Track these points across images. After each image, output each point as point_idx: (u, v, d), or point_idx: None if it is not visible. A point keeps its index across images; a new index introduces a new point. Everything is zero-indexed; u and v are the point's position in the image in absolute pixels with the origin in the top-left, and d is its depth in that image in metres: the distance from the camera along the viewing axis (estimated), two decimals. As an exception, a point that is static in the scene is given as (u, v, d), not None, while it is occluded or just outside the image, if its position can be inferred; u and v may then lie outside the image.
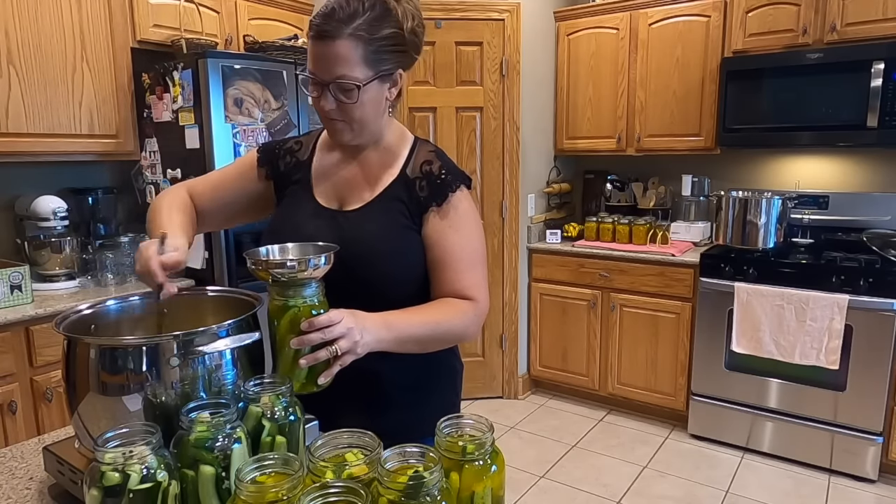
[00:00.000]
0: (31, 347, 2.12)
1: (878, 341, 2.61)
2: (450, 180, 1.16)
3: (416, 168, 1.17)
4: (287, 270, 0.92)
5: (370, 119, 1.12)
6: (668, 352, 3.22)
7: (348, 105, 1.08)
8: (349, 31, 1.03)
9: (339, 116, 1.10)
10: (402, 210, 1.15)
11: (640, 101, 3.41)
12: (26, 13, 2.27)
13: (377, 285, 1.12)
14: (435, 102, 3.41)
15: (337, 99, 1.08)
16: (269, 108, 2.62)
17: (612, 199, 3.76)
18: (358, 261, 1.10)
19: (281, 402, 0.87)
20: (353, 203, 1.18)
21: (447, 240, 1.14)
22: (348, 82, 1.05)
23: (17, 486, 0.99)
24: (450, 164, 1.20)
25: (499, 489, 0.78)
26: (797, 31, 2.89)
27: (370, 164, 1.19)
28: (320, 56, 1.05)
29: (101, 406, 0.88)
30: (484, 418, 0.80)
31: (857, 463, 2.72)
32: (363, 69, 1.05)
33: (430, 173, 1.16)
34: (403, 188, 1.16)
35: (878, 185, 3.10)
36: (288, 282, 0.93)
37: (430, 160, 1.18)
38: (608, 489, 2.71)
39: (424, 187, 1.15)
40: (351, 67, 1.04)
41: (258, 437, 0.85)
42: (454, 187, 1.16)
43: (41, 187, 2.60)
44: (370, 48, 1.05)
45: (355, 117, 1.10)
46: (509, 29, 3.36)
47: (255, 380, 0.90)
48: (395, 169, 1.18)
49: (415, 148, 1.21)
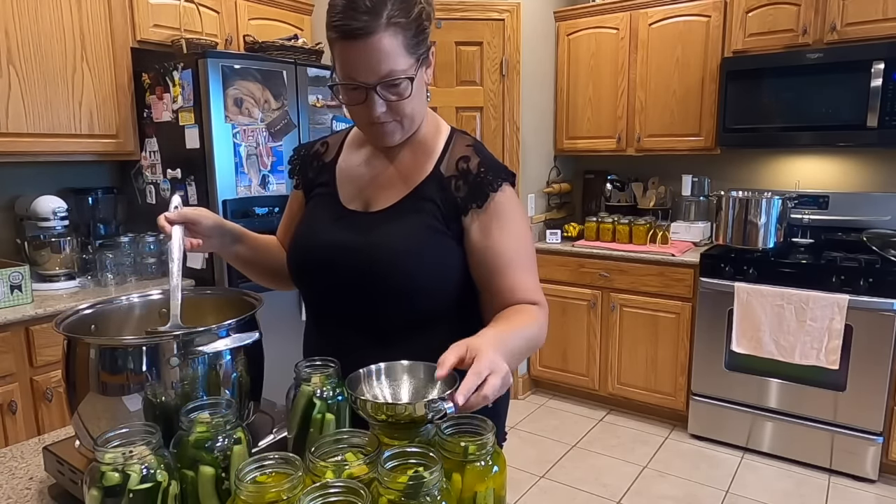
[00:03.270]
0: (31, 347, 2.12)
1: (878, 341, 2.61)
2: (490, 178, 1.03)
3: (452, 165, 1.05)
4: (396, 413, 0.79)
5: (419, 111, 1.02)
6: (668, 352, 3.21)
7: (398, 103, 0.97)
8: (385, 21, 0.90)
9: (390, 117, 0.99)
10: (433, 212, 1.03)
11: (640, 101, 3.41)
12: (26, 13, 2.27)
13: (404, 292, 1.02)
14: (435, 102, 3.41)
15: (386, 100, 0.96)
16: (269, 108, 2.62)
17: (612, 199, 3.76)
18: (380, 266, 1.00)
19: (329, 383, 0.91)
20: (379, 204, 1.07)
21: (498, 244, 1.03)
22: (399, 78, 0.94)
23: (17, 486, 0.99)
24: (490, 159, 1.07)
25: (500, 489, 0.78)
26: (797, 31, 2.88)
27: (400, 161, 1.08)
28: (358, 57, 0.92)
29: (101, 406, 0.88)
30: (485, 419, 0.80)
31: (857, 463, 2.72)
32: (407, 58, 0.94)
33: (468, 171, 1.04)
34: (437, 187, 1.04)
35: (878, 185, 3.10)
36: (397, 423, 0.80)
37: (468, 156, 1.06)
38: (608, 489, 2.71)
39: (461, 187, 1.03)
40: (396, 61, 0.93)
41: (309, 414, 0.90)
42: (496, 186, 1.03)
43: (41, 187, 2.60)
44: (409, 32, 0.93)
45: (407, 113, 0.99)
46: (509, 29, 3.36)
47: (307, 361, 0.94)
48: (429, 165, 1.06)
49: (451, 141, 1.09)
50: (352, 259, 1.03)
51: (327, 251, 1.06)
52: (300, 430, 0.90)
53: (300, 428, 0.90)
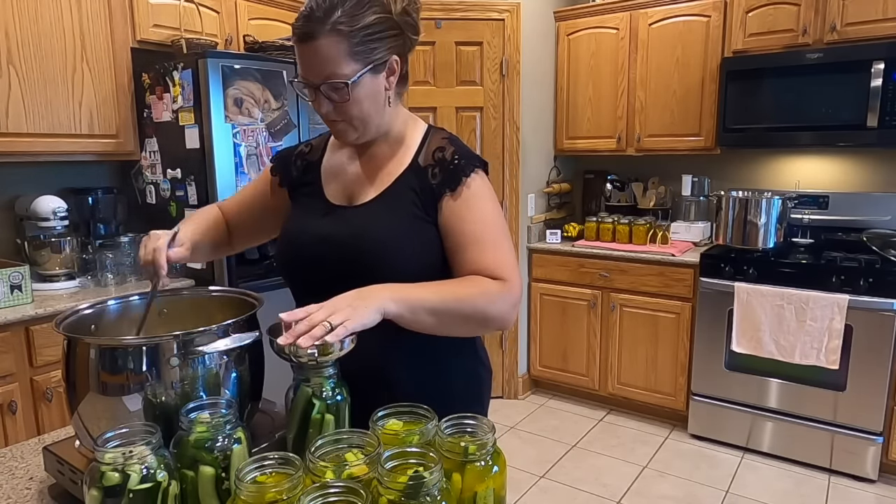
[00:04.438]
0: (31, 347, 2.11)
1: (878, 341, 2.61)
2: (463, 164, 1.09)
3: (429, 156, 1.11)
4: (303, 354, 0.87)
5: (370, 115, 1.07)
6: (668, 352, 3.21)
7: (343, 104, 1.04)
8: (328, 28, 0.98)
9: (338, 117, 1.06)
10: (413, 200, 1.09)
11: (640, 101, 3.41)
12: (26, 13, 2.27)
13: (391, 280, 1.03)
14: (435, 102, 3.41)
15: (330, 99, 1.04)
16: (269, 108, 2.62)
17: (612, 199, 3.76)
18: (366, 256, 1.06)
19: (329, 383, 0.91)
20: (363, 197, 1.13)
21: (463, 220, 1.07)
22: (337, 81, 1.01)
23: (17, 486, 0.99)
24: (464, 148, 1.13)
25: (500, 489, 0.78)
26: (797, 31, 2.88)
27: (380, 157, 1.15)
28: (305, 58, 1.01)
29: (101, 406, 0.88)
30: (485, 418, 0.80)
31: (857, 463, 2.71)
32: (350, 64, 1.00)
33: (444, 159, 1.10)
34: (415, 177, 1.10)
35: (878, 185, 3.10)
36: (300, 365, 0.90)
37: (443, 146, 1.12)
38: (608, 489, 2.71)
39: (437, 174, 1.09)
40: (337, 65, 1.00)
41: (309, 414, 0.90)
42: (468, 171, 1.09)
43: (41, 187, 2.60)
44: (354, 40, 0.99)
45: (353, 115, 1.05)
46: (509, 29, 3.36)
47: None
48: (406, 159, 1.13)
49: (427, 136, 1.16)
50: (340, 251, 1.08)
51: (316, 246, 1.11)
52: (299, 430, 0.91)
53: (299, 428, 0.91)
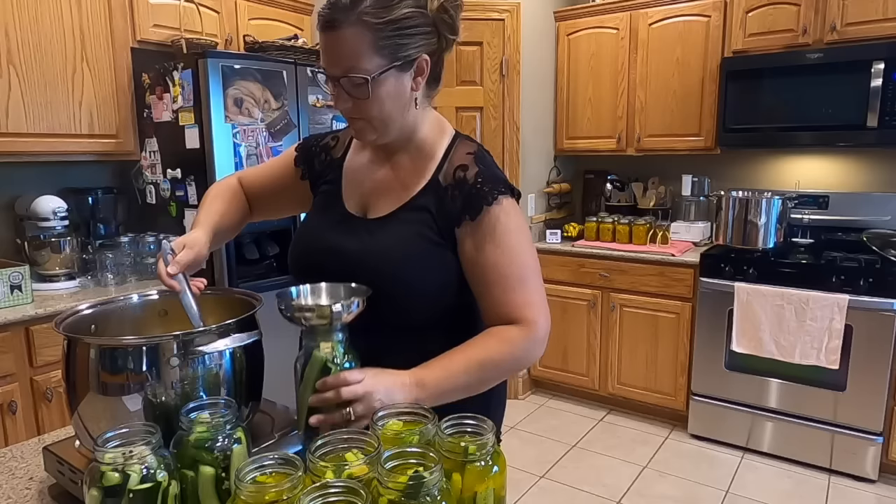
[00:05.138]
0: (31, 347, 2.11)
1: (878, 341, 2.61)
2: (486, 191, 1.00)
3: (450, 174, 1.03)
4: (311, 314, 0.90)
5: (392, 115, 1.00)
6: (668, 352, 3.21)
7: (363, 102, 0.96)
8: (354, 17, 0.91)
9: (357, 115, 0.99)
10: (428, 222, 1.02)
11: (640, 101, 3.41)
12: (26, 13, 2.27)
13: (399, 301, 1.01)
14: (435, 102, 3.39)
15: (350, 95, 0.96)
16: (269, 108, 2.62)
17: (612, 199, 3.76)
18: (377, 274, 1.00)
19: (340, 348, 0.92)
20: (379, 210, 1.07)
21: (486, 257, 1.00)
22: (357, 76, 0.93)
23: (17, 486, 0.99)
24: (489, 170, 1.03)
25: (501, 490, 0.78)
26: (797, 31, 2.88)
27: (401, 167, 1.08)
28: (327, 48, 0.95)
29: (101, 406, 0.88)
30: (485, 419, 0.80)
31: (857, 463, 2.71)
32: (374, 59, 0.93)
33: (464, 181, 1.01)
34: (433, 197, 1.03)
35: (878, 185, 3.10)
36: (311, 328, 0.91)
37: (466, 165, 1.03)
38: (608, 489, 2.71)
39: (457, 197, 1.01)
40: (359, 58, 0.92)
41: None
42: (490, 199, 1.00)
43: (41, 187, 2.60)
44: (381, 34, 0.92)
45: (373, 115, 0.98)
46: (509, 29, 3.36)
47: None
48: (428, 173, 1.05)
49: (452, 148, 1.07)
50: (345, 265, 1.04)
51: (324, 254, 1.08)
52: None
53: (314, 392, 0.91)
